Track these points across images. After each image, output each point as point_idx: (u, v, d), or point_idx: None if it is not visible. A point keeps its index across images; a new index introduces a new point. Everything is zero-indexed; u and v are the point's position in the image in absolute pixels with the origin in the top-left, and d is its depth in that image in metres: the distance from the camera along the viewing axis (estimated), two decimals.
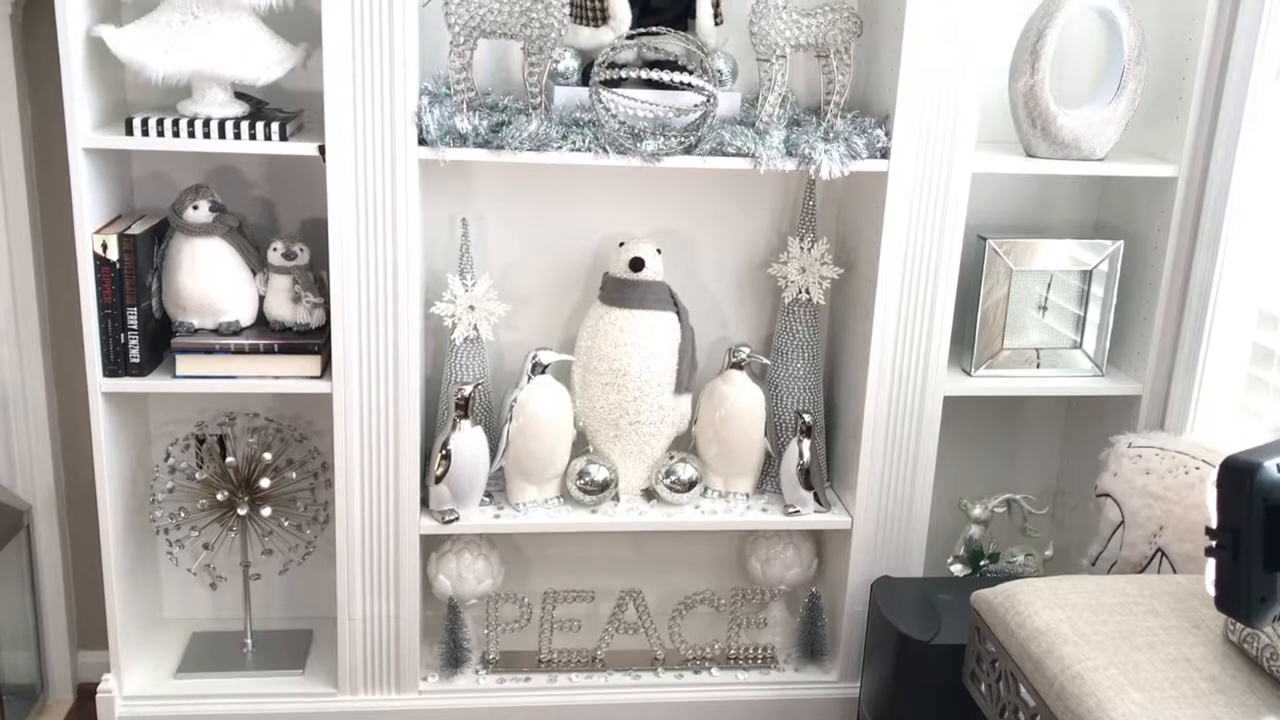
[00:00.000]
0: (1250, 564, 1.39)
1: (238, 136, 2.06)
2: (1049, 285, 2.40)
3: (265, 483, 2.29)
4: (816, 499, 2.36)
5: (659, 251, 2.31)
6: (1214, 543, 1.46)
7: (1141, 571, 2.11)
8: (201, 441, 2.37)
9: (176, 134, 2.04)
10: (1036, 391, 2.43)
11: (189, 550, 2.39)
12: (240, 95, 2.13)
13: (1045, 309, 2.41)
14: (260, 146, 2.07)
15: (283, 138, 2.07)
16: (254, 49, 2.05)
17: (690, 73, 2.12)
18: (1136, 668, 1.62)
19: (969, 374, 2.39)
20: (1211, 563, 1.48)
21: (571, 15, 2.12)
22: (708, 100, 2.10)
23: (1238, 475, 1.39)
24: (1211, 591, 1.49)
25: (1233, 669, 1.63)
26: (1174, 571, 2.06)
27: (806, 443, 2.32)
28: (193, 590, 2.52)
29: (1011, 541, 2.49)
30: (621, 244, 2.31)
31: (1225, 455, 2.08)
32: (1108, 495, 2.19)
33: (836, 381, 2.48)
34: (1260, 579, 1.40)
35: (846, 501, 2.40)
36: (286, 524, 2.36)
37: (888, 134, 2.17)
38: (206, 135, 2.05)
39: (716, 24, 2.19)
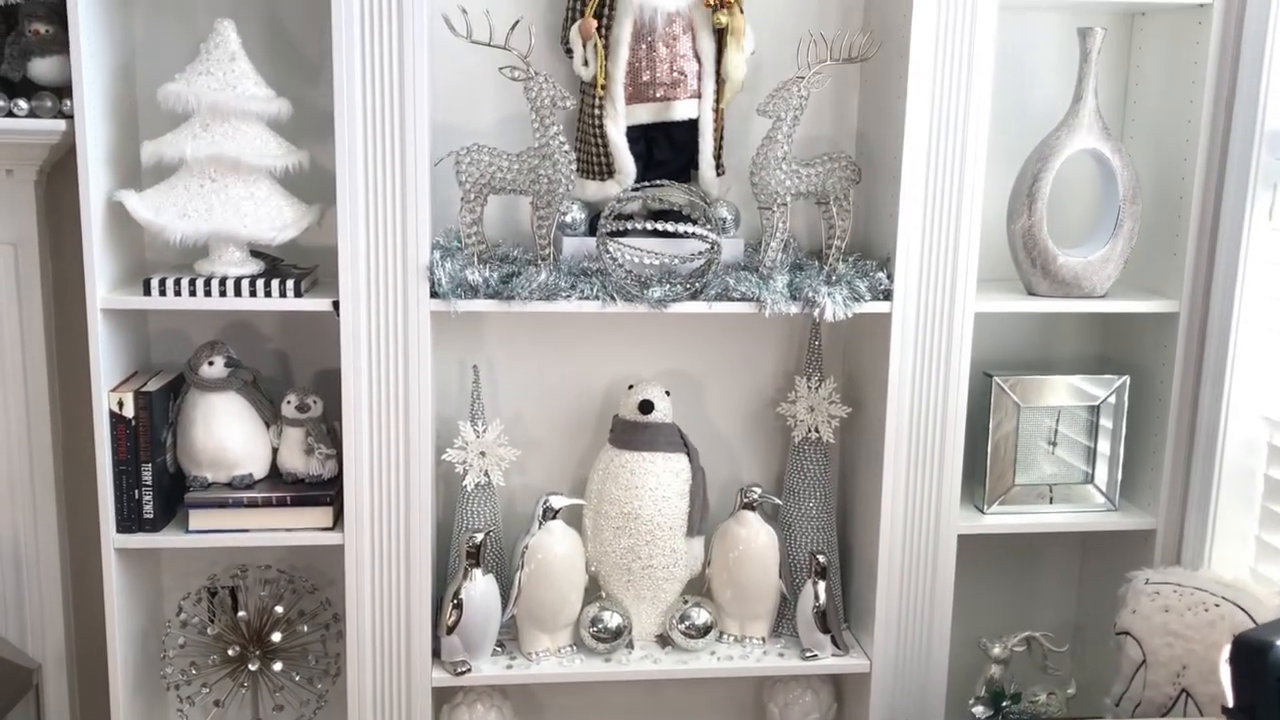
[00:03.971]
0: None
1: (253, 294, 2.10)
2: (1058, 419, 2.41)
3: (277, 636, 2.27)
4: (834, 642, 2.33)
5: (668, 393, 2.33)
6: None
7: (1167, 714, 2.07)
8: (213, 594, 2.36)
9: (193, 293, 2.09)
10: (1050, 528, 2.41)
11: (199, 707, 2.35)
12: (255, 252, 2.18)
13: (1055, 444, 2.41)
14: (275, 303, 2.11)
15: (297, 294, 2.12)
16: (270, 211, 2.10)
17: (694, 221, 2.17)
18: None
19: (982, 511, 2.38)
20: None
21: (578, 170, 2.19)
22: (712, 248, 2.15)
23: (1250, 654, 1.37)
24: None
25: None
26: (1200, 714, 2.02)
27: (822, 584, 2.30)
28: None
29: (1033, 680, 2.44)
30: (630, 387, 2.34)
31: (1242, 589, 2.08)
32: (1127, 633, 2.15)
33: (849, 521, 2.48)
34: None
35: (864, 644, 2.37)
36: (298, 678, 2.33)
37: (889, 276, 2.21)
38: (223, 293, 2.10)
39: (718, 175, 2.25)
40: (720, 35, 2.18)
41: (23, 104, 2.08)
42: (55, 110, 2.10)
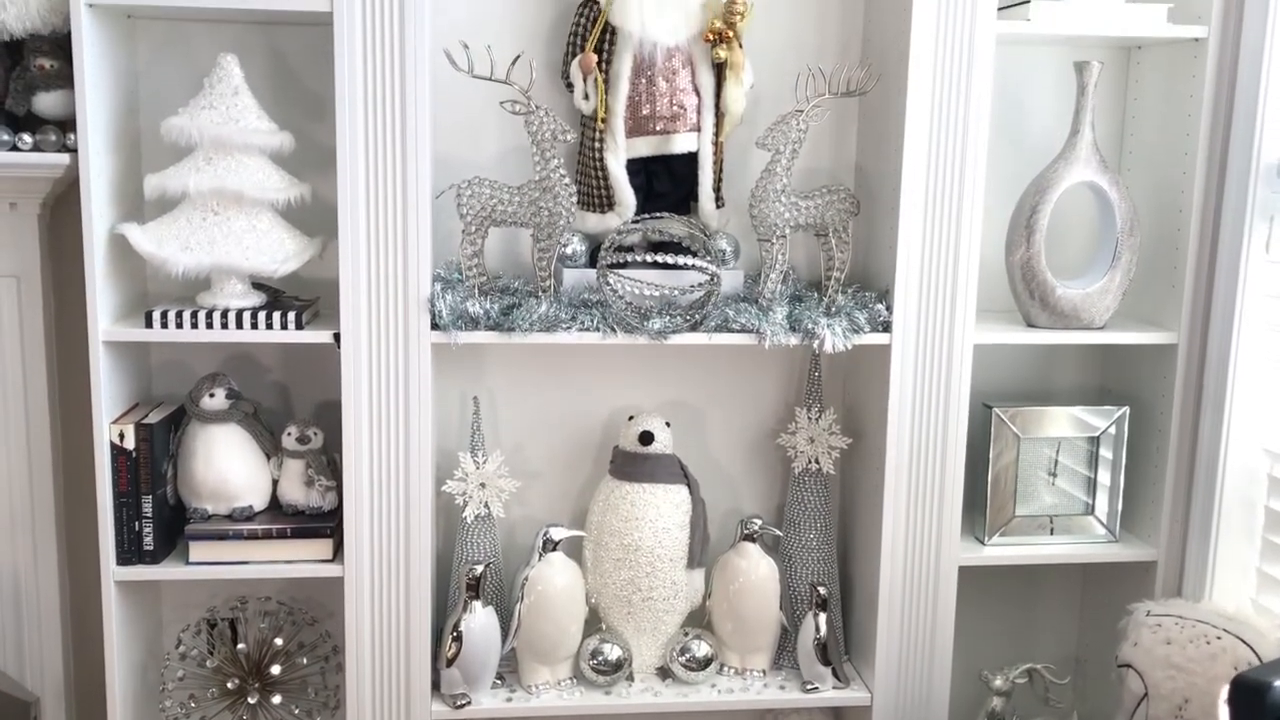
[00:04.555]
0: None
1: (255, 326, 2.11)
2: (1058, 450, 2.41)
3: (276, 669, 2.27)
4: (835, 674, 2.32)
5: (668, 424, 2.33)
6: None
7: None
8: (213, 626, 2.35)
9: (195, 325, 2.10)
10: (1050, 559, 2.41)
11: None
12: (257, 285, 2.19)
13: (1055, 475, 2.41)
14: (276, 336, 2.12)
15: (298, 326, 2.12)
16: (272, 243, 2.11)
17: (694, 253, 2.18)
18: None
19: (982, 542, 2.38)
20: None
21: (579, 203, 2.20)
22: (711, 279, 2.16)
23: (1248, 695, 1.36)
24: None
25: None
26: None
27: (823, 616, 2.29)
28: None
29: (1035, 712, 2.43)
30: (631, 418, 2.34)
31: (1244, 622, 2.08)
32: (1129, 666, 2.15)
33: (850, 552, 2.47)
34: None
35: (865, 676, 2.36)
36: (297, 711, 2.32)
37: (888, 308, 2.22)
38: (224, 326, 2.10)
39: (718, 207, 2.26)
40: (719, 69, 2.20)
41: (27, 138, 2.09)
42: (59, 144, 2.11)
